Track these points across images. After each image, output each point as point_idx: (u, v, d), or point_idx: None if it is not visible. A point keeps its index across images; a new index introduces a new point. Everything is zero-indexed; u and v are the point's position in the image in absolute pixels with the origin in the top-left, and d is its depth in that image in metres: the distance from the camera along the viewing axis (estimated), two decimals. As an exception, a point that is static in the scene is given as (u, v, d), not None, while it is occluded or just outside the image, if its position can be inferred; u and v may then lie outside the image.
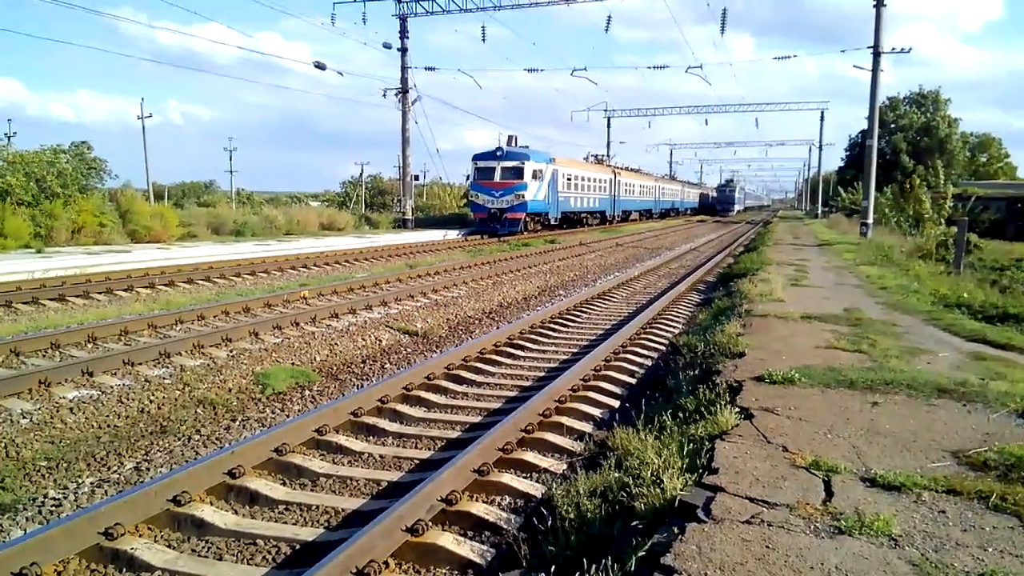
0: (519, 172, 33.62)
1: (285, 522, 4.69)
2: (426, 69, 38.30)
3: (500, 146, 34.95)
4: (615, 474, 4.48)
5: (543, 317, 11.50)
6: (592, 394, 7.24)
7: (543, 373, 8.36)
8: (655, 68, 44.80)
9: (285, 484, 5.27)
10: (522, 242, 30.53)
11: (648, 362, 8.84)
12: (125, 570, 4.07)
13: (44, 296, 12.84)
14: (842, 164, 75.64)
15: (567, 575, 3.38)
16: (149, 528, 4.47)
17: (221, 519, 4.60)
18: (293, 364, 8.80)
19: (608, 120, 67.30)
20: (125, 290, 14.05)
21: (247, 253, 21.58)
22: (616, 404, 7.05)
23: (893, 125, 64.36)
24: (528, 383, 7.97)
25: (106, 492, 5.23)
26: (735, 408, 5.21)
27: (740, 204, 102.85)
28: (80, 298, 13.12)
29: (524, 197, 33.41)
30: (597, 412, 6.78)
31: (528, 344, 9.84)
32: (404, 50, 36.12)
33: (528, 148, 36.33)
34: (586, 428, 6.33)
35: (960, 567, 3.03)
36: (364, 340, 10.23)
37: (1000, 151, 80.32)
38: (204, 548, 4.35)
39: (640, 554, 3.21)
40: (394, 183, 56.09)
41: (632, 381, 7.97)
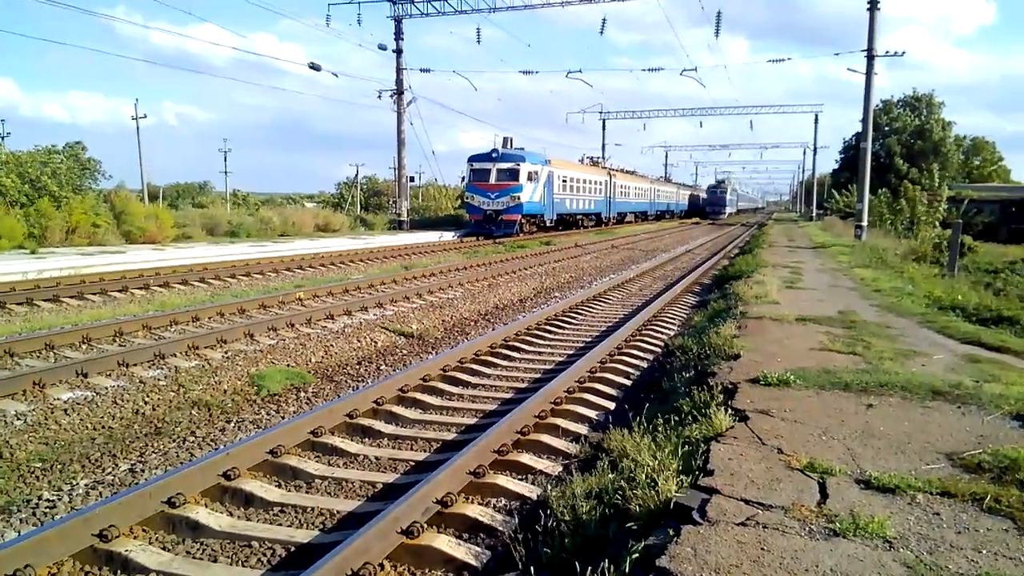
0: (515, 174, 33.62)
1: (280, 524, 4.68)
2: (421, 71, 38.40)
3: (496, 148, 34.94)
4: (610, 476, 4.49)
5: (539, 319, 11.50)
6: (588, 396, 7.25)
7: (539, 375, 8.36)
8: (650, 70, 45.28)
9: (280, 486, 5.26)
10: (518, 244, 30.54)
11: (644, 364, 8.85)
12: (119, 572, 4.06)
13: (38, 297, 12.80)
14: (836, 167, 75.92)
15: (563, 577, 3.39)
16: (144, 530, 4.46)
17: (216, 521, 4.59)
18: (288, 365, 8.79)
19: (603, 122, 67.38)
20: (120, 291, 14.01)
21: (242, 254, 21.53)
22: (612, 406, 7.06)
23: (887, 128, 64.60)
24: (524, 385, 7.97)
25: (100, 494, 5.21)
26: (730, 410, 5.22)
27: (732, 206, 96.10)
28: (74, 299, 13.08)
29: (520, 199, 33.41)
30: (593, 414, 6.78)
31: (524, 346, 9.84)
32: (399, 51, 36.11)
33: (524, 150, 36.35)
34: (582, 430, 6.33)
35: (954, 569, 3.04)
36: (360, 342, 10.22)
37: (993, 154, 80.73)
38: (199, 550, 4.34)
39: (635, 556, 3.22)
40: (389, 184, 56.12)
41: (628, 383, 7.98)
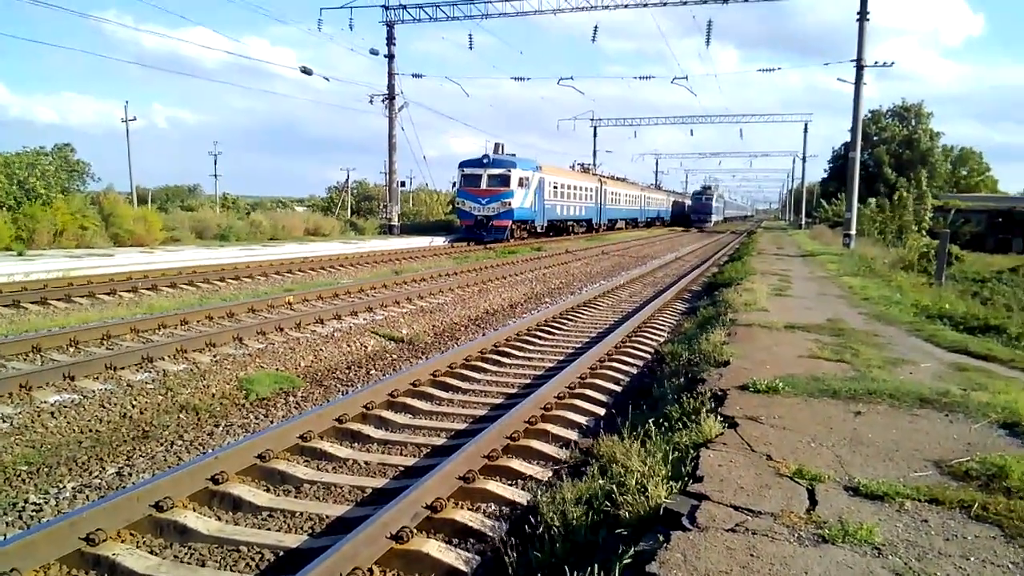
0: (506, 180, 33.66)
1: (268, 529, 4.66)
2: (413, 76, 38.63)
3: (487, 153, 35.00)
4: (600, 482, 4.49)
5: (529, 324, 11.50)
6: (578, 402, 7.25)
7: (529, 380, 8.36)
8: (641, 78, 45.17)
9: (269, 490, 5.24)
10: (508, 249, 30.55)
11: (634, 370, 8.87)
12: (106, 576, 4.03)
13: (25, 299, 12.70)
14: (825, 176, 76.46)
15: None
16: (131, 534, 4.43)
17: (204, 525, 4.56)
18: (277, 370, 8.76)
19: (594, 129, 67.68)
20: (108, 294, 13.92)
21: (231, 258, 21.43)
22: (602, 412, 7.07)
23: (876, 138, 65.13)
24: (514, 390, 7.97)
25: (88, 497, 5.17)
26: (720, 417, 5.24)
27: (719, 214, 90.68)
28: (62, 301, 12.99)
29: (510, 205, 33.44)
30: (583, 420, 6.79)
31: (514, 351, 9.84)
32: (391, 56, 36.13)
33: (515, 156, 36.41)
34: (572, 436, 6.33)
35: (942, 576, 3.06)
36: (349, 346, 10.19)
37: (981, 164, 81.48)
38: (186, 554, 4.32)
39: (625, 562, 3.22)
40: (380, 189, 56.02)
41: (618, 389, 7.99)
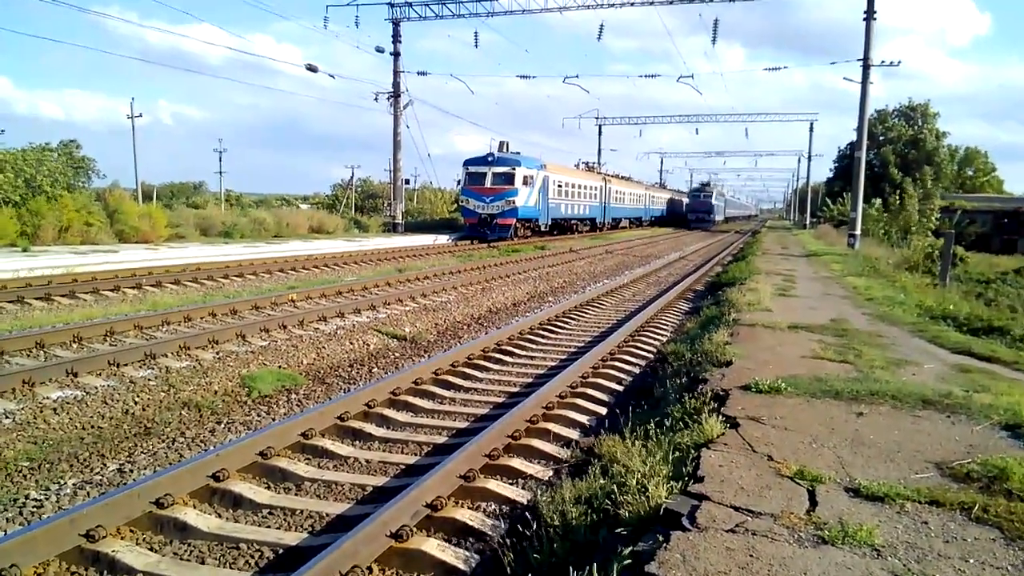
0: (510, 178, 33.65)
1: (269, 526, 4.66)
2: (418, 74, 38.32)
3: (491, 151, 34.98)
4: (601, 481, 4.49)
5: (532, 323, 11.50)
6: (579, 401, 7.25)
7: (531, 379, 8.36)
8: (647, 77, 45.15)
9: (270, 488, 5.24)
10: (512, 248, 30.54)
11: (636, 370, 8.86)
12: (106, 573, 4.04)
13: (30, 295, 12.74)
14: (831, 175, 76.21)
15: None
16: (131, 530, 4.44)
17: (204, 522, 4.57)
18: (280, 367, 8.76)
19: (599, 128, 67.50)
20: (112, 290, 13.96)
21: (235, 255, 21.48)
22: (603, 411, 7.06)
23: (882, 137, 64.89)
24: (516, 389, 7.96)
25: (88, 494, 5.18)
26: (721, 417, 5.23)
27: (719, 213, 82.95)
28: (66, 298, 13.02)
29: (515, 203, 33.43)
30: (584, 419, 6.78)
31: (516, 350, 9.83)
32: (396, 54, 36.13)
33: (519, 154, 36.40)
34: (573, 435, 6.33)
35: (942, 578, 3.05)
36: (352, 344, 10.20)
37: (986, 164, 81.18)
38: (186, 551, 4.32)
39: (625, 562, 3.22)
40: (384, 186, 56.02)
41: (619, 388, 7.98)
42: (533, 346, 10.25)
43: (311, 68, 31.63)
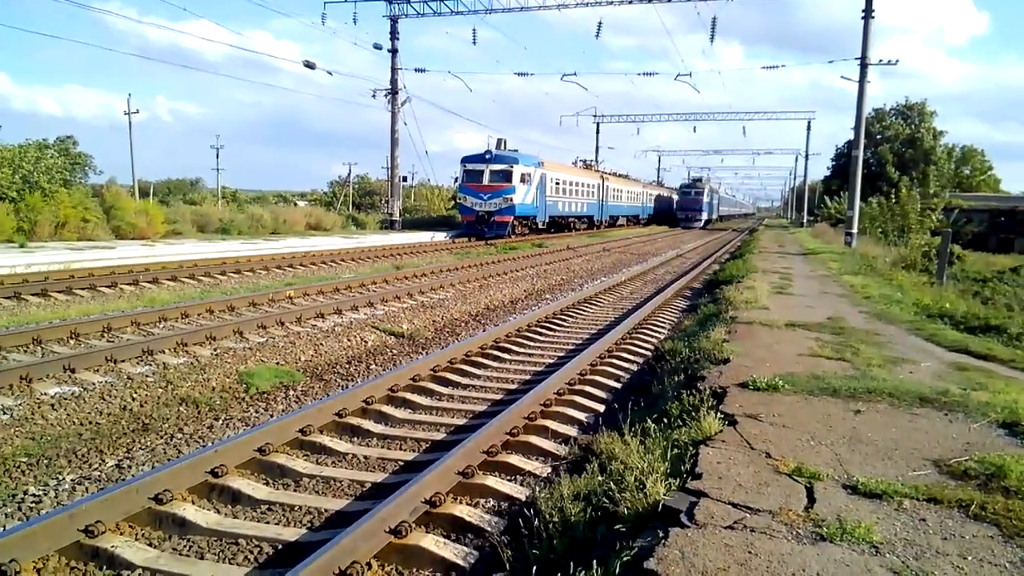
0: (507, 175, 33.64)
1: (267, 522, 4.67)
2: (416, 71, 38.25)
3: (489, 149, 34.95)
4: (599, 478, 4.49)
5: (530, 320, 11.50)
6: (577, 398, 7.26)
7: (529, 376, 8.37)
8: (645, 75, 45.18)
9: (268, 484, 5.25)
10: (509, 245, 30.54)
11: (634, 367, 8.87)
12: (105, 568, 4.04)
13: (26, 291, 12.71)
14: (828, 174, 76.22)
15: (550, 578, 3.39)
16: (130, 526, 4.44)
17: (203, 518, 4.57)
18: (278, 364, 8.76)
19: (597, 125, 67.51)
20: (109, 286, 13.94)
21: (233, 251, 21.45)
22: (601, 408, 7.07)
23: (879, 136, 64.93)
24: (514, 386, 7.97)
25: (87, 489, 5.18)
26: (719, 414, 5.24)
27: (711, 211, 77.44)
28: (63, 294, 13.00)
29: (512, 200, 33.43)
30: (582, 416, 6.79)
31: (514, 347, 9.84)
32: (394, 51, 36.09)
33: (517, 152, 36.40)
34: (571, 432, 6.34)
35: (940, 575, 3.06)
36: (350, 341, 10.20)
37: (983, 163, 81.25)
38: (185, 547, 4.32)
39: (624, 558, 3.22)
40: (382, 184, 56.04)
41: (617, 386, 7.99)
42: (531, 343, 10.26)
43: (309, 65, 31.59)
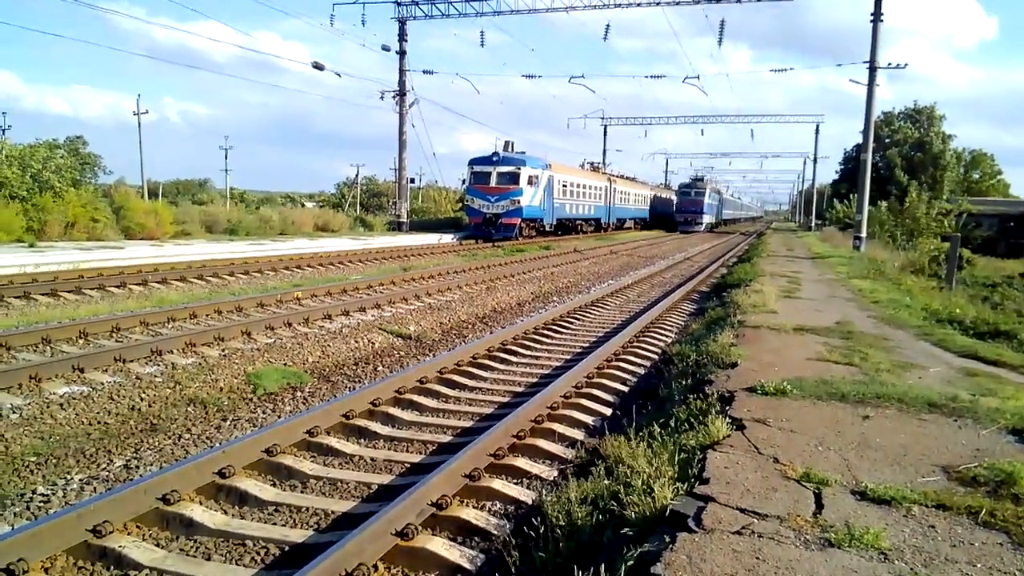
0: (515, 177, 33.66)
1: (274, 523, 4.68)
2: (424, 72, 38.39)
3: (497, 151, 34.98)
4: (606, 482, 4.48)
5: (537, 323, 11.50)
6: (584, 401, 7.25)
7: (536, 379, 8.36)
8: (653, 77, 45.13)
9: (275, 485, 5.26)
10: (517, 248, 30.54)
11: (641, 371, 8.85)
12: (113, 568, 4.05)
13: (36, 291, 12.78)
14: (836, 177, 76.08)
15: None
16: (138, 526, 4.45)
17: (210, 519, 4.58)
18: (285, 365, 8.78)
19: (605, 128, 67.37)
20: (118, 286, 13.99)
21: (241, 252, 21.51)
22: (608, 412, 7.06)
23: (888, 140, 64.72)
24: (521, 389, 7.96)
25: (95, 489, 5.20)
26: (727, 418, 5.22)
27: (714, 214, 70.54)
28: (72, 294, 13.06)
29: (519, 202, 33.44)
30: (589, 419, 6.78)
31: (521, 350, 9.84)
32: (402, 53, 36.16)
33: (525, 154, 36.39)
34: (578, 435, 6.33)
35: (949, 582, 3.05)
36: (357, 342, 10.21)
37: (993, 168, 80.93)
38: (192, 547, 4.34)
39: (630, 563, 3.21)
40: (389, 185, 56.17)
41: (624, 389, 7.98)
42: (538, 346, 10.25)
43: (317, 66, 31.68)
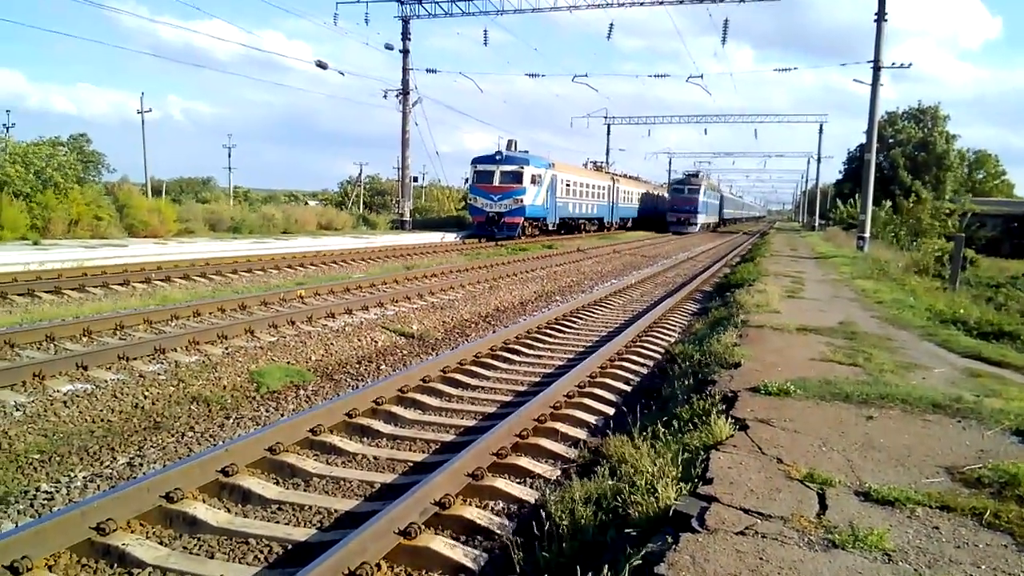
0: (518, 176, 33.64)
1: (277, 522, 4.68)
2: (427, 71, 38.33)
3: (500, 150, 34.97)
4: (609, 482, 4.48)
5: (539, 322, 11.49)
6: (587, 401, 7.24)
7: (538, 378, 8.36)
8: (656, 76, 45.01)
9: (278, 483, 5.26)
10: (519, 247, 30.54)
11: (644, 370, 8.84)
12: (116, 566, 4.06)
13: (40, 288, 12.80)
14: (840, 177, 75.79)
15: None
16: (141, 524, 4.46)
17: (213, 517, 4.59)
18: (288, 363, 8.79)
19: (608, 127, 67.28)
20: (121, 284, 14.01)
21: (244, 250, 21.53)
22: (611, 411, 7.05)
23: (891, 140, 64.50)
24: (523, 388, 7.96)
25: (98, 487, 5.21)
26: (730, 419, 5.22)
27: (709, 213, 63.87)
28: (76, 291, 13.08)
29: (522, 201, 33.42)
30: (592, 419, 6.78)
31: (524, 349, 9.83)
32: (406, 52, 36.17)
33: (528, 153, 36.39)
34: (581, 435, 6.33)
35: (953, 583, 3.04)
36: (360, 341, 10.22)
37: (997, 168, 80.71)
38: (196, 546, 4.34)
39: (634, 562, 3.21)
40: (393, 184, 56.13)
41: (627, 389, 7.97)
42: (541, 345, 10.24)
43: (321, 65, 31.71)
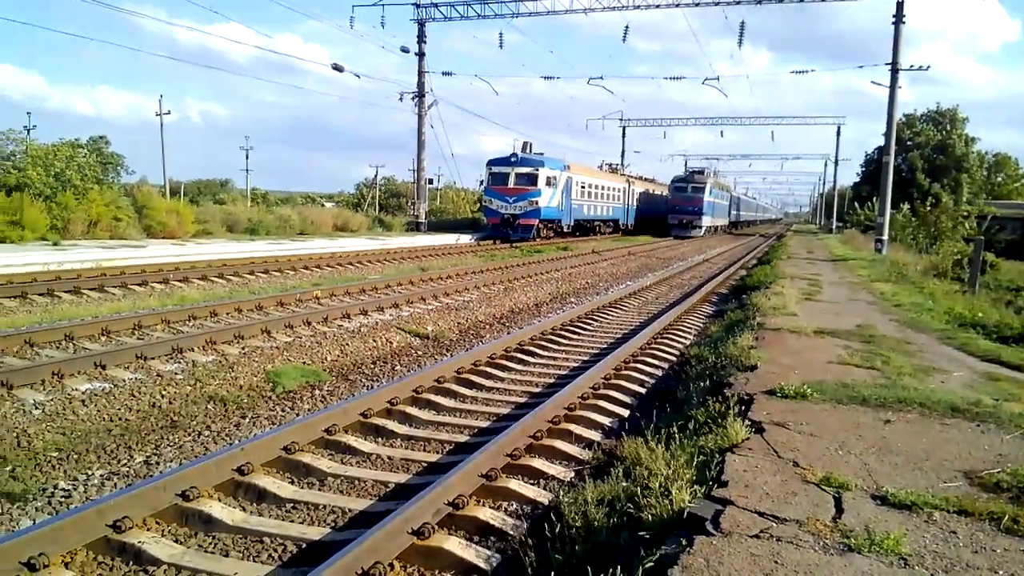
0: (533, 178, 33.65)
1: (292, 521, 4.70)
2: (443, 74, 38.41)
3: (515, 152, 35.00)
4: (623, 484, 4.47)
5: (554, 324, 11.48)
6: (601, 403, 7.22)
7: (553, 380, 8.35)
8: (672, 79, 44.69)
9: (293, 483, 5.29)
10: (534, 248, 30.53)
11: (659, 372, 8.81)
12: (132, 563, 4.09)
13: (59, 288, 12.95)
14: (858, 180, 75.10)
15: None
16: (157, 522, 4.49)
17: (229, 515, 4.62)
18: (304, 363, 8.83)
19: (623, 129, 67.10)
20: (139, 285, 14.14)
21: (261, 251, 21.67)
22: (625, 413, 7.03)
23: (909, 142, 63.86)
24: (538, 389, 7.96)
25: (115, 485, 5.26)
26: (746, 421, 5.19)
27: (716, 214, 58.06)
28: (95, 291, 13.21)
29: (537, 203, 33.43)
30: (606, 421, 6.76)
31: (538, 350, 9.82)
32: (421, 54, 36.28)
33: (543, 155, 36.39)
34: (595, 437, 6.31)
35: (971, 589, 3.00)
36: (375, 341, 10.25)
37: (1017, 171, 79.76)
38: (211, 544, 4.37)
39: (647, 565, 3.20)
40: (408, 186, 56.34)
41: (642, 391, 7.94)
42: (555, 347, 10.23)
43: (337, 68, 31.86)
